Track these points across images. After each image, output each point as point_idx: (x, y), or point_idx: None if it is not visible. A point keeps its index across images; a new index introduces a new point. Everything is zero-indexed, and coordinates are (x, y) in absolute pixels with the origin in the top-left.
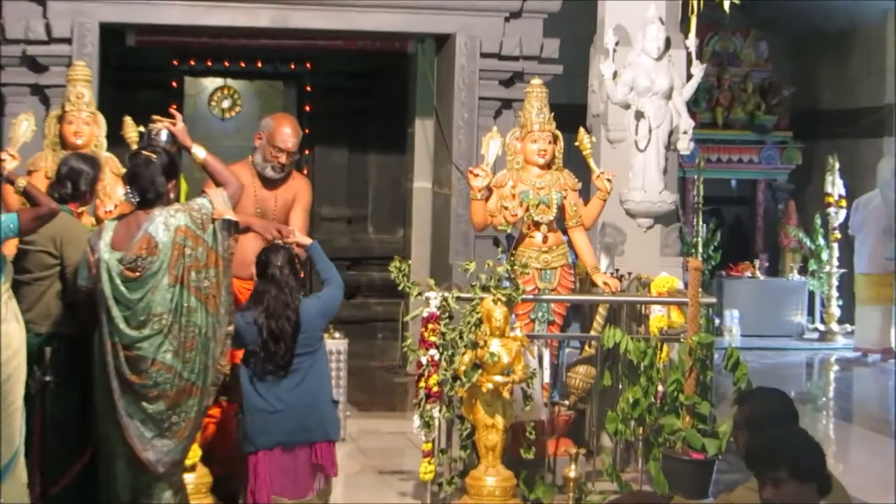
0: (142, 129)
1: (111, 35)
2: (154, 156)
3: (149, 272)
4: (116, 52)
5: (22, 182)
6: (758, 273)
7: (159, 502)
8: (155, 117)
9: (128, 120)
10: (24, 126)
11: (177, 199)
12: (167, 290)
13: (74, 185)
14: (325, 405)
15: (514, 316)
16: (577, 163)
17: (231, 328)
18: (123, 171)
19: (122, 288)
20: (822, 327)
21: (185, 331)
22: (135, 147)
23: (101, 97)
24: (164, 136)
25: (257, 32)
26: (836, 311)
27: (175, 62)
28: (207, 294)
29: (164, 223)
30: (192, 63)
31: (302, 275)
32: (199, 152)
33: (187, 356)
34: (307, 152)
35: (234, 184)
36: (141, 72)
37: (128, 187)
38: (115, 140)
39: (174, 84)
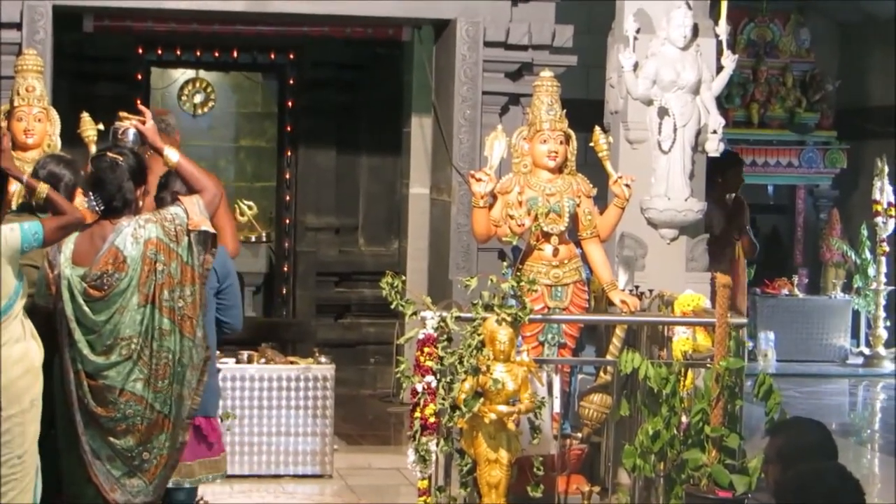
0: (101, 126)
1: (66, 20)
2: (121, 158)
3: (116, 290)
4: (72, 40)
5: (44, 189)
6: (796, 290)
7: None
8: (122, 114)
9: (85, 116)
10: None
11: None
12: (136, 311)
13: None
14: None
15: (520, 338)
16: (592, 166)
17: (208, 353)
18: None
19: (86, 308)
20: (867, 351)
21: (157, 357)
22: (93, 147)
23: (56, 90)
24: (131, 135)
25: (233, 17)
26: (883, 333)
27: (140, 51)
28: (182, 315)
29: (132, 235)
30: (160, 52)
31: None
32: (172, 155)
33: (159, 385)
34: (289, 154)
35: (211, 190)
36: (101, 62)
37: (90, 194)
38: (71, 139)
39: (139, 76)
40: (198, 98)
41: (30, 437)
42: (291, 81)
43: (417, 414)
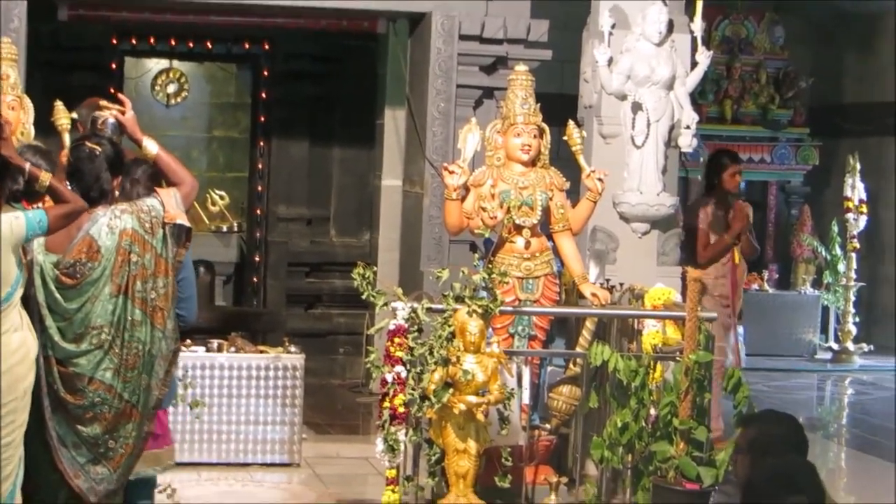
0: (75, 115)
1: (41, 9)
2: (99, 148)
3: (88, 279)
4: (47, 29)
5: (46, 178)
6: (766, 286)
7: None
8: (102, 103)
9: (59, 105)
10: None
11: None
12: (109, 301)
13: (28, 181)
14: None
15: (490, 330)
16: (565, 160)
17: (179, 345)
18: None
19: (58, 295)
20: (836, 346)
21: (128, 347)
22: (66, 136)
23: (30, 79)
24: (110, 125)
25: (207, 8)
26: (852, 328)
27: (114, 40)
28: (154, 307)
29: (108, 225)
30: (134, 42)
31: None
32: (151, 146)
33: (128, 375)
34: (262, 144)
35: (188, 183)
36: (75, 51)
37: (67, 183)
38: (44, 127)
39: (113, 65)
40: (171, 88)
41: (18, 426)
42: (265, 72)
43: (387, 404)
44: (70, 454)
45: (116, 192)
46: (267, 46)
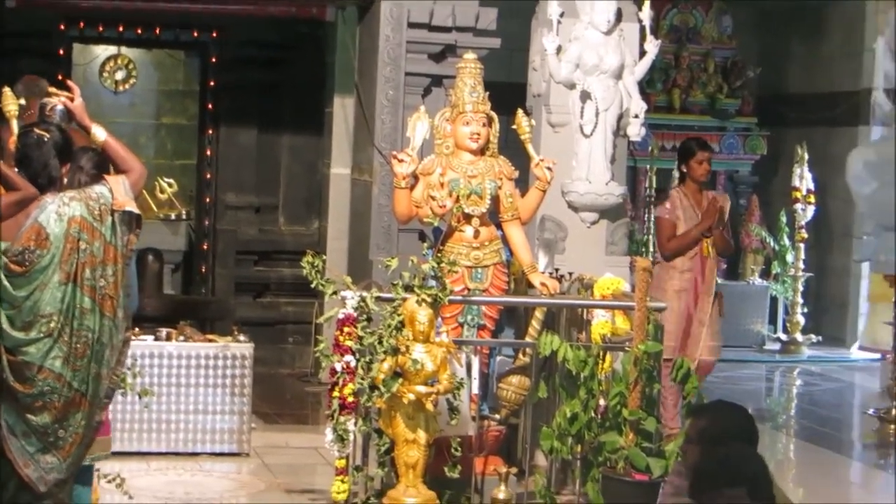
0: (22, 101)
1: None
2: (47, 135)
3: (37, 267)
4: None
5: None
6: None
7: None
8: (51, 90)
9: (7, 91)
10: None
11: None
12: (58, 289)
13: None
14: None
15: (440, 319)
16: (514, 149)
17: (130, 334)
18: None
19: (6, 283)
20: (784, 337)
21: (77, 335)
22: (14, 122)
23: None
24: (59, 112)
25: None
26: (800, 319)
27: (62, 27)
28: (104, 295)
29: (56, 213)
30: (82, 28)
31: None
32: (100, 133)
33: (78, 364)
34: (210, 132)
35: (137, 170)
36: (23, 37)
37: (15, 170)
38: None
39: (61, 52)
40: (119, 75)
41: None
42: (214, 59)
43: (336, 393)
44: (19, 443)
45: (65, 180)
46: (215, 34)
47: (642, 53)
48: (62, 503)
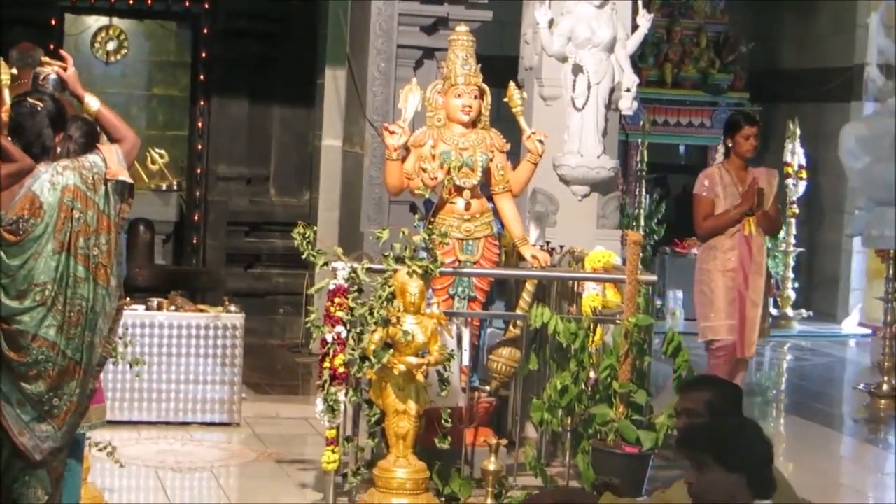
0: (14, 71)
1: None
2: (41, 104)
3: (31, 236)
4: None
5: None
6: None
7: (28, 500)
8: (44, 59)
9: None
10: None
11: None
12: (51, 258)
13: None
14: None
15: (430, 291)
16: (506, 121)
17: (123, 303)
18: None
19: (0, 252)
20: (775, 312)
21: (71, 304)
22: (6, 91)
23: None
24: (52, 81)
25: None
26: (791, 294)
27: None
28: (97, 263)
29: (50, 181)
30: None
31: None
32: (93, 102)
33: (72, 332)
34: (202, 103)
35: (130, 140)
36: (15, 7)
37: (9, 139)
38: None
39: (53, 22)
40: (111, 45)
41: None
42: (205, 31)
43: (326, 364)
44: (14, 412)
45: (58, 149)
46: (207, 5)
47: (634, 27)
48: (56, 471)
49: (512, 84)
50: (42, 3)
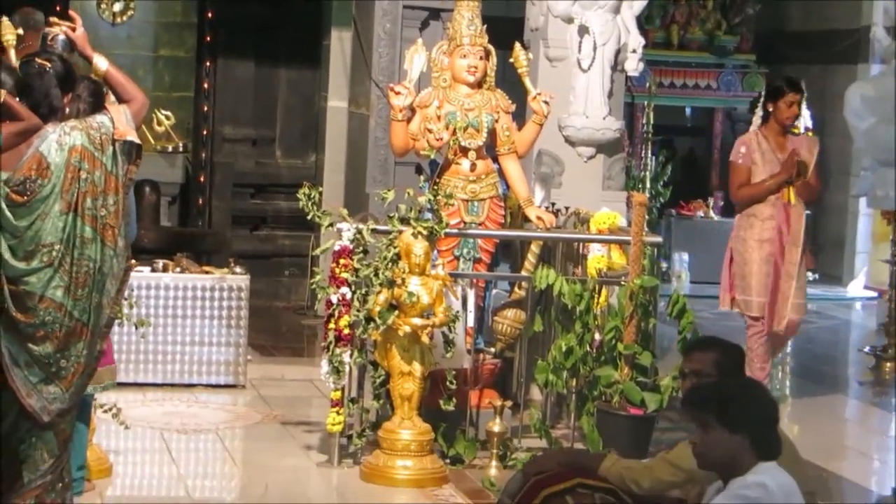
0: (20, 31)
1: None
2: (49, 64)
3: (38, 197)
4: None
5: (1, 95)
6: (712, 213)
7: (35, 461)
8: (52, 20)
9: (4, 21)
10: None
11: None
12: (59, 218)
13: None
14: None
15: (436, 252)
16: (512, 83)
17: (132, 263)
18: None
19: (8, 213)
20: None
21: (78, 265)
22: (12, 52)
23: None
24: (60, 42)
25: None
26: None
27: None
28: (105, 224)
29: (57, 142)
30: None
31: None
32: (101, 63)
33: (79, 293)
34: (208, 64)
35: (139, 100)
36: None
37: (17, 99)
38: None
39: None
40: (117, 7)
41: None
42: None
43: (332, 325)
44: (22, 374)
45: (66, 110)
46: None
47: None
48: (64, 433)
49: (518, 45)
50: None
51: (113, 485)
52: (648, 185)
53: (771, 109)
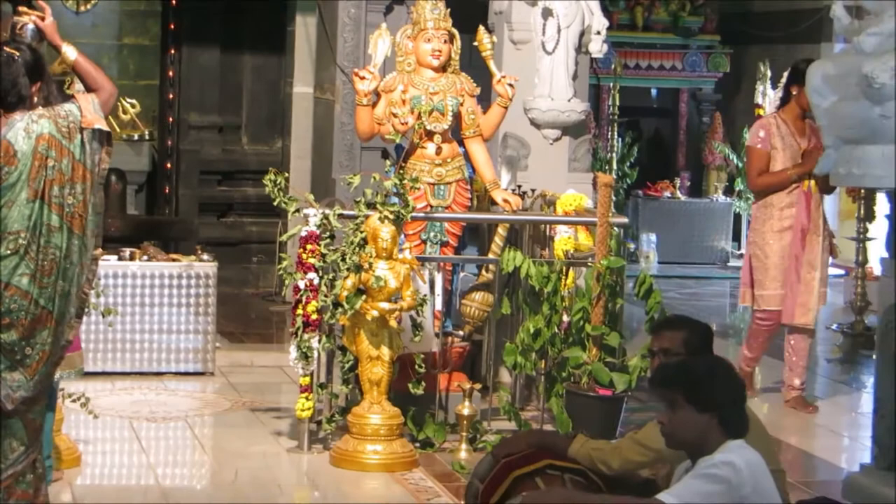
0: None
1: None
2: (17, 53)
3: (5, 184)
4: None
5: None
6: (678, 193)
7: (3, 450)
8: (21, 8)
9: None
10: None
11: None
12: (25, 206)
13: None
14: None
15: (402, 236)
16: (477, 67)
17: (99, 252)
18: None
19: None
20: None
21: (44, 252)
22: None
23: None
24: (29, 31)
25: None
26: None
27: None
28: (72, 213)
29: (24, 130)
30: None
31: None
32: (70, 52)
33: (44, 281)
34: (173, 52)
35: (107, 89)
36: None
37: None
38: None
39: None
40: None
41: None
42: None
43: (299, 311)
44: None
45: (35, 99)
46: None
47: None
48: (34, 423)
49: (482, 28)
50: None
51: (83, 474)
52: (615, 166)
53: (795, 92)
